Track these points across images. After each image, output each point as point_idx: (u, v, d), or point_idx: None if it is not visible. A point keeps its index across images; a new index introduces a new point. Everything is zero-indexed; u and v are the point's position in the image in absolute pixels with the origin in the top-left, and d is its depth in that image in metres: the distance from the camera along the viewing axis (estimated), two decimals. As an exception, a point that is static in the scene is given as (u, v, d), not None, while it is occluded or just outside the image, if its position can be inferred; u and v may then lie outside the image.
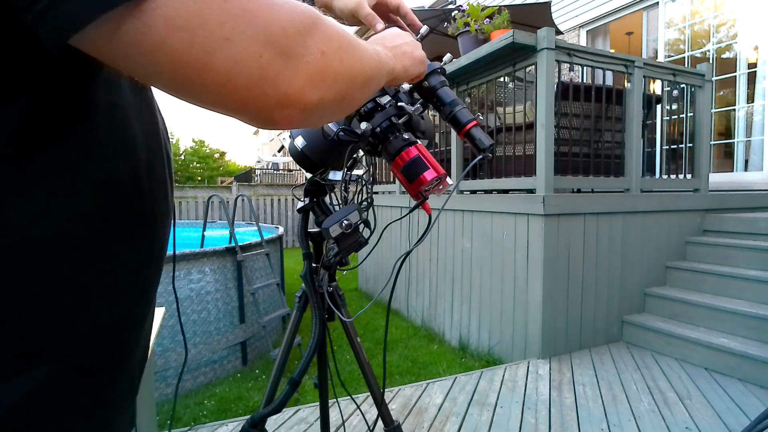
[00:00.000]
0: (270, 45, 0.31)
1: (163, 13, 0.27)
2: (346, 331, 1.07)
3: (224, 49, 0.29)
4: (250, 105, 0.32)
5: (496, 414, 2.15)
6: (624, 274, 3.08)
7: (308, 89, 0.33)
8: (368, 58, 0.43)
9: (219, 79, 0.29)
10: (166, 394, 2.77)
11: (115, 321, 0.40)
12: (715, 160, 5.13)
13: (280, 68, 0.31)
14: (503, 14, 3.52)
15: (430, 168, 0.69)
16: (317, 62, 0.34)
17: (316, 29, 0.35)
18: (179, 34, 0.28)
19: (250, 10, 0.30)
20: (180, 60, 0.28)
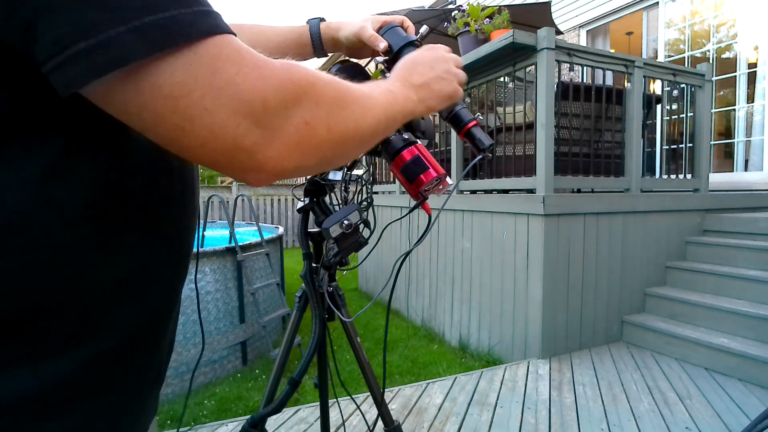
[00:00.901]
0: (249, 116, 0.33)
1: (152, 81, 0.30)
2: (346, 331, 1.07)
3: (203, 118, 0.32)
4: (226, 168, 0.35)
5: (496, 414, 2.15)
6: (624, 274, 3.08)
7: (283, 158, 0.35)
8: (370, 117, 0.45)
9: (196, 143, 0.32)
10: (165, 394, 2.77)
11: (150, 312, 0.44)
12: (715, 160, 5.13)
13: (256, 138, 0.33)
14: (503, 14, 3.52)
15: (429, 168, 0.69)
16: (298, 132, 0.36)
17: (305, 99, 0.37)
18: (163, 101, 0.31)
19: (237, 83, 0.32)
20: (162, 123, 0.32)
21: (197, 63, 0.31)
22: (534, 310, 2.80)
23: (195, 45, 0.32)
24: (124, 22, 0.29)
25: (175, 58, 0.31)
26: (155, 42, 0.30)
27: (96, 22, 0.28)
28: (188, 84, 0.31)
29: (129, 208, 0.40)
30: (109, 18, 0.29)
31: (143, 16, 0.30)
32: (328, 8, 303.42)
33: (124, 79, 0.30)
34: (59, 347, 0.36)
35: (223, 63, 0.32)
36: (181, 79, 0.31)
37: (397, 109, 0.51)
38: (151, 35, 0.30)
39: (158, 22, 0.30)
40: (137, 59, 0.29)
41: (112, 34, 0.29)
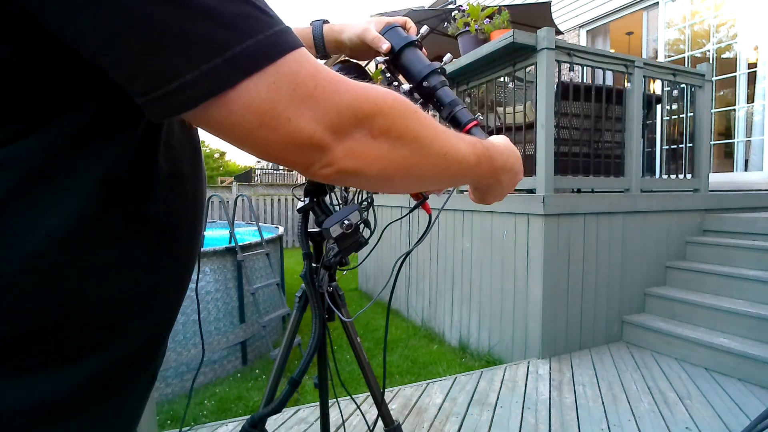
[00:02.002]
0: (323, 123, 0.38)
1: (244, 102, 0.34)
2: (346, 331, 1.07)
3: (286, 126, 0.36)
4: (302, 165, 0.40)
5: (496, 414, 2.15)
6: (624, 274, 3.08)
7: (347, 158, 0.40)
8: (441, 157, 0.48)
9: (279, 148, 0.38)
10: (166, 394, 2.77)
11: (156, 323, 0.47)
12: (715, 160, 5.13)
13: (328, 141, 0.38)
14: (503, 14, 3.52)
15: (430, 168, 0.69)
16: (362, 141, 0.41)
17: (379, 116, 0.41)
18: (252, 117, 0.35)
19: (314, 96, 0.37)
20: (251, 135, 0.36)
21: (280, 80, 0.35)
22: (534, 310, 2.80)
23: (277, 63, 0.36)
24: (220, 53, 0.33)
25: (261, 79, 0.35)
26: (245, 69, 0.34)
27: (196, 57, 0.33)
28: (273, 99, 0.35)
29: (148, 232, 0.43)
30: (209, 50, 0.33)
31: (234, 46, 0.34)
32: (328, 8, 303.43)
33: (219, 103, 0.34)
34: (73, 357, 0.39)
35: (303, 78, 0.37)
36: (267, 96, 0.35)
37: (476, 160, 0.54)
38: (241, 63, 0.34)
39: (247, 50, 0.34)
40: (231, 86, 0.34)
41: (212, 65, 0.33)
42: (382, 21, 0.76)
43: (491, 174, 0.60)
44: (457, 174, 0.53)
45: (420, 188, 0.53)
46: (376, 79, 0.76)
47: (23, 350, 0.36)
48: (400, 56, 0.72)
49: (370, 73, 0.78)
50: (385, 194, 4.68)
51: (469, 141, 0.53)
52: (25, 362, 0.36)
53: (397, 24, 0.75)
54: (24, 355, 0.36)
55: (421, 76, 0.71)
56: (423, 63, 0.72)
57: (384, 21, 0.76)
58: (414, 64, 0.72)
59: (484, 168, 0.57)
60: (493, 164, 0.59)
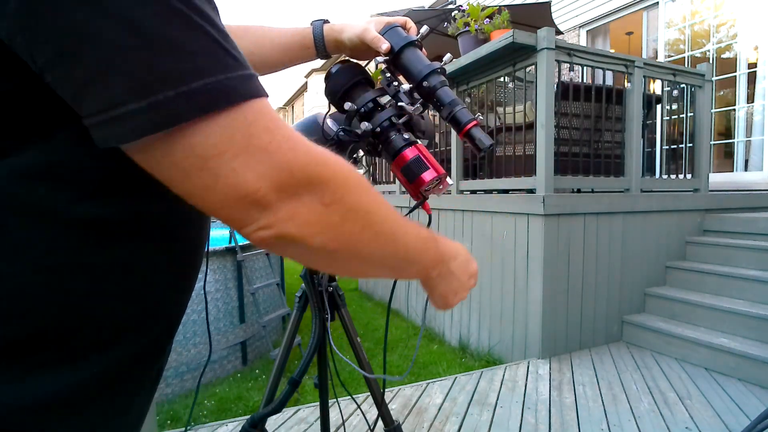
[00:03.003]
0: (272, 181, 0.35)
1: (189, 142, 0.32)
2: (346, 331, 1.07)
3: (229, 177, 0.33)
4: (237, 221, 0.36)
5: (496, 414, 2.15)
6: (624, 274, 3.08)
7: (290, 222, 0.36)
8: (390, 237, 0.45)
9: (217, 199, 0.34)
10: (166, 394, 2.77)
11: (165, 321, 0.47)
12: (715, 160, 5.13)
13: (274, 200, 0.35)
14: (503, 14, 3.52)
15: (430, 168, 0.69)
16: (311, 208, 0.37)
17: (333, 183, 0.38)
18: (194, 159, 0.33)
19: (269, 150, 0.35)
20: (189, 179, 0.34)
21: (234, 127, 0.33)
22: (534, 310, 2.80)
23: (235, 109, 0.33)
24: (173, 86, 0.31)
25: (214, 121, 0.32)
26: (200, 106, 0.32)
27: (148, 85, 0.30)
28: (222, 145, 0.33)
29: (150, 231, 0.42)
30: (160, 81, 0.31)
31: (191, 81, 0.31)
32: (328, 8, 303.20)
33: (162, 138, 0.32)
34: (79, 355, 0.39)
35: (259, 130, 0.34)
36: (215, 141, 0.33)
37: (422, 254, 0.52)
38: (196, 100, 0.31)
39: (205, 87, 0.32)
40: (181, 122, 0.31)
41: (161, 97, 0.30)
42: (382, 21, 0.76)
43: (439, 260, 0.57)
44: (404, 259, 0.50)
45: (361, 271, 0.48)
46: (376, 80, 0.76)
47: (28, 349, 0.36)
48: (400, 56, 0.72)
49: (370, 74, 0.78)
50: (385, 194, 4.68)
51: (415, 225, 0.50)
52: (30, 361, 0.36)
53: (397, 24, 0.75)
54: (29, 354, 0.36)
55: (421, 76, 0.71)
56: (423, 63, 0.72)
57: (384, 21, 0.76)
58: (414, 64, 0.72)
59: (431, 254, 0.54)
60: (439, 249, 0.56)
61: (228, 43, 0.35)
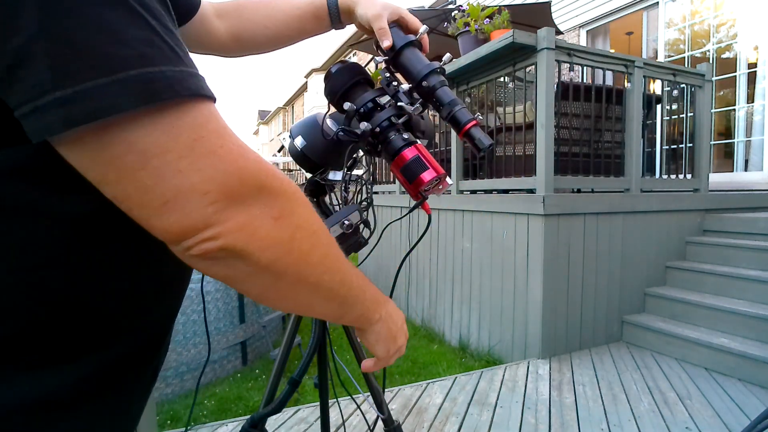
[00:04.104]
0: (221, 187, 0.32)
1: (128, 138, 0.29)
2: (346, 331, 1.07)
3: (174, 179, 0.30)
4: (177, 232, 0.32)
5: (496, 414, 2.15)
6: (624, 274, 3.08)
7: (239, 233, 0.33)
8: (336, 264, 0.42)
9: (157, 203, 0.31)
10: (166, 394, 2.77)
11: (159, 320, 0.46)
12: (715, 160, 5.13)
13: (219, 209, 0.32)
14: (503, 14, 3.52)
15: (429, 168, 0.69)
16: (261, 221, 0.34)
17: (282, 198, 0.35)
18: (133, 156, 0.29)
19: (218, 154, 0.32)
20: (126, 178, 0.30)
21: (181, 126, 0.31)
22: (534, 310, 2.80)
23: (183, 105, 0.31)
24: (108, 73, 0.28)
25: (159, 117, 0.30)
26: (139, 97, 0.28)
27: (77, 71, 0.27)
28: (166, 144, 0.30)
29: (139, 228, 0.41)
30: (92, 68, 0.27)
31: (129, 68, 0.28)
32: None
33: (98, 131, 0.29)
34: (73, 355, 0.38)
35: (209, 133, 0.32)
36: (158, 139, 0.30)
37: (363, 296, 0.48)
38: (135, 89, 0.28)
39: (144, 76, 0.29)
40: (116, 113, 0.28)
41: (90, 85, 0.27)
42: (398, 12, 0.73)
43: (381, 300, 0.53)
44: (350, 294, 0.45)
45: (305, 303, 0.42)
46: (376, 80, 0.76)
47: (14, 350, 0.35)
48: (400, 56, 0.72)
49: (369, 74, 0.78)
50: (385, 194, 4.68)
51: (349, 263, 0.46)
52: (24, 360, 0.36)
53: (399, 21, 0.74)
54: (16, 355, 0.35)
55: (421, 75, 0.71)
56: (422, 63, 0.72)
57: (399, 13, 0.74)
58: (413, 63, 0.72)
59: (372, 292, 0.51)
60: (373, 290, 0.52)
61: (176, 43, 0.32)
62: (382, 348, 0.56)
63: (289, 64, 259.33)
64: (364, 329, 0.54)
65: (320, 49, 33.75)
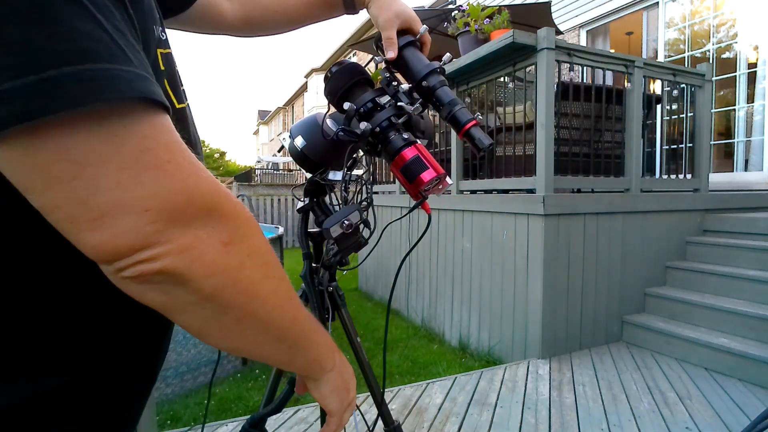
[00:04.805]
0: (164, 206, 0.29)
1: (61, 142, 0.26)
2: (346, 331, 1.07)
3: (111, 192, 0.27)
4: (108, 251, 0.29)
5: (496, 414, 2.15)
6: (624, 274, 3.08)
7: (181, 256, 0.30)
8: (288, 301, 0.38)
9: (88, 217, 0.27)
10: (166, 394, 2.77)
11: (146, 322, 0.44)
12: (715, 160, 5.13)
13: (163, 228, 0.29)
14: (503, 14, 3.52)
15: (429, 168, 0.69)
16: (209, 246, 0.31)
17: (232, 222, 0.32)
18: (66, 164, 0.26)
19: (165, 169, 0.29)
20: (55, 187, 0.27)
21: (125, 136, 0.28)
22: (534, 310, 2.80)
23: (129, 114, 0.28)
24: (36, 70, 0.24)
25: (99, 122, 0.27)
26: (76, 98, 0.25)
27: (4, 67, 0.24)
28: (106, 154, 0.27)
29: None
30: (19, 64, 0.24)
31: (65, 64, 0.25)
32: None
33: (26, 134, 0.25)
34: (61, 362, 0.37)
35: (157, 146, 0.29)
36: (97, 147, 0.27)
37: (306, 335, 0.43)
38: (71, 89, 0.25)
39: (83, 73, 0.25)
40: (43, 116, 0.25)
41: (19, 83, 0.24)
42: (409, 21, 0.74)
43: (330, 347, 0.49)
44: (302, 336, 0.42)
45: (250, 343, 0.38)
46: (376, 80, 0.76)
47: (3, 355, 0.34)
48: (400, 56, 0.73)
49: (369, 74, 0.78)
50: (385, 194, 4.68)
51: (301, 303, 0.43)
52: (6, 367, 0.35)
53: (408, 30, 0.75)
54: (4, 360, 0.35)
55: (421, 75, 0.71)
56: (422, 63, 0.72)
57: (411, 22, 0.74)
58: (413, 63, 0.72)
59: (323, 337, 0.47)
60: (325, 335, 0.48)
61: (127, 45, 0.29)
62: (336, 401, 0.51)
63: (289, 64, 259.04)
64: (317, 378, 0.49)
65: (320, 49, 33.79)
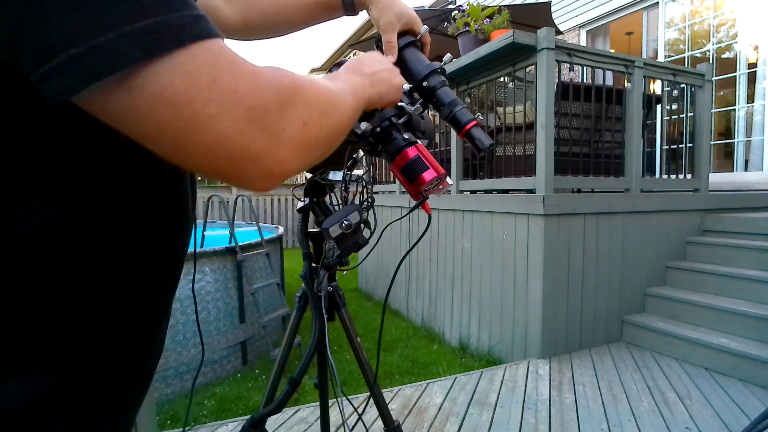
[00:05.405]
0: (252, 122, 0.33)
1: (152, 89, 0.30)
2: (346, 331, 1.07)
3: (208, 125, 0.31)
4: (230, 176, 0.34)
5: (496, 414, 2.15)
6: (624, 274, 3.08)
7: (289, 160, 0.36)
8: (346, 110, 0.47)
9: (201, 152, 0.32)
10: (166, 394, 2.77)
11: (142, 323, 0.44)
12: (715, 160, 5.13)
13: (262, 144, 0.34)
14: (503, 14, 3.52)
15: (429, 168, 0.69)
16: (298, 134, 0.36)
17: (297, 101, 0.37)
18: (165, 108, 0.30)
19: (237, 90, 0.32)
20: (165, 131, 0.31)
21: (198, 70, 0.31)
22: (534, 310, 2.80)
23: (192, 49, 0.31)
24: (113, 28, 0.28)
25: (173, 64, 0.30)
26: (147, 47, 0.29)
27: (85, 29, 0.28)
28: (190, 91, 0.31)
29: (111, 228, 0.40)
30: (98, 24, 0.28)
31: (133, 21, 0.29)
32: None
33: (122, 87, 0.29)
34: (52, 358, 0.37)
35: (222, 71, 0.32)
36: (183, 86, 0.30)
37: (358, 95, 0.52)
38: (142, 40, 0.29)
39: (149, 26, 0.29)
40: (130, 65, 0.29)
41: (102, 40, 0.28)
42: (411, 23, 0.74)
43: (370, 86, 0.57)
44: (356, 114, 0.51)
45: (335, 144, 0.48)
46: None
47: None
48: (400, 56, 0.73)
49: None
50: (385, 194, 4.68)
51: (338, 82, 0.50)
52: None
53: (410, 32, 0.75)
54: None
55: (421, 76, 0.71)
56: (423, 63, 0.72)
57: (413, 23, 0.74)
58: (414, 64, 0.72)
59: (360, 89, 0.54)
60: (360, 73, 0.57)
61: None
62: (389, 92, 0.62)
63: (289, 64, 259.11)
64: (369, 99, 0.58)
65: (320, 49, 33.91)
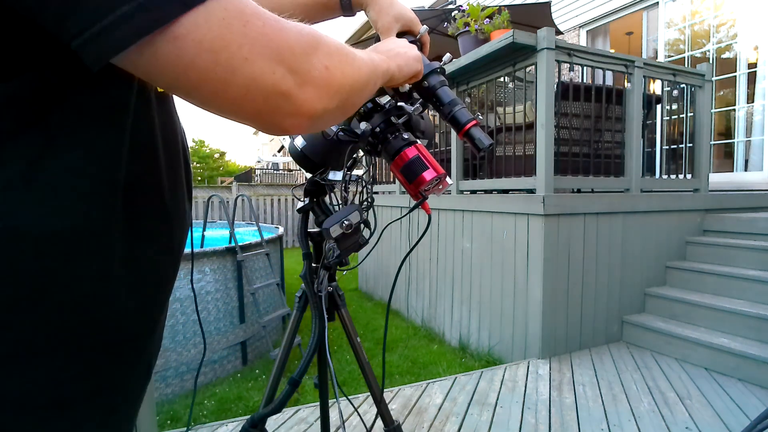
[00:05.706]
0: (282, 63, 0.36)
1: (194, 37, 0.32)
2: (346, 331, 1.07)
3: (244, 67, 0.34)
4: (265, 115, 0.37)
5: (496, 414, 2.15)
6: (624, 274, 3.08)
7: (315, 100, 0.39)
8: (364, 66, 0.49)
9: (239, 93, 0.35)
10: (166, 394, 2.77)
11: (134, 309, 0.44)
12: (715, 160, 5.12)
13: (291, 83, 0.37)
14: (503, 14, 3.52)
15: (429, 168, 0.69)
16: (322, 76, 0.39)
17: (320, 48, 0.40)
18: (206, 55, 0.33)
19: (266, 33, 0.35)
20: (207, 77, 0.33)
21: (229, 16, 0.33)
22: (534, 310, 2.80)
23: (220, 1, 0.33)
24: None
25: (209, 13, 0.32)
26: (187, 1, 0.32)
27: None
28: (225, 37, 0.33)
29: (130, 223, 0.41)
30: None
31: None
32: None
33: (167, 39, 0.31)
34: (58, 344, 0.37)
35: (250, 16, 0.35)
36: (218, 33, 0.33)
37: (376, 63, 0.54)
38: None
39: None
40: (175, 18, 0.31)
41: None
42: (409, 24, 0.75)
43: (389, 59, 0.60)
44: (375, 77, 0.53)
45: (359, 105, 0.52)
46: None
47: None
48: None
49: None
50: (385, 194, 4.68)
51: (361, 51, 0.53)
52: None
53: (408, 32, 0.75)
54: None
55: (421, 75, 0.71)
56: (422, 63, 0.72)
57: (411, 25, 0.75)
58: (414, 64, 0.72)
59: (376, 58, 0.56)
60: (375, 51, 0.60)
61: None
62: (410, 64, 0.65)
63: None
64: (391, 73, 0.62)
65: (320, 49, 33.61)
